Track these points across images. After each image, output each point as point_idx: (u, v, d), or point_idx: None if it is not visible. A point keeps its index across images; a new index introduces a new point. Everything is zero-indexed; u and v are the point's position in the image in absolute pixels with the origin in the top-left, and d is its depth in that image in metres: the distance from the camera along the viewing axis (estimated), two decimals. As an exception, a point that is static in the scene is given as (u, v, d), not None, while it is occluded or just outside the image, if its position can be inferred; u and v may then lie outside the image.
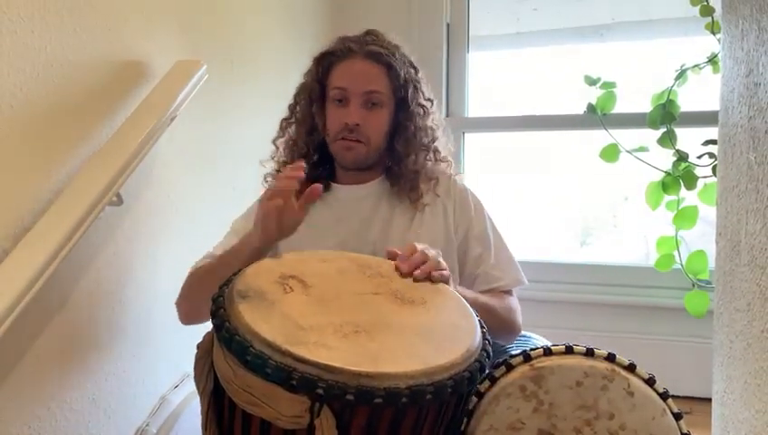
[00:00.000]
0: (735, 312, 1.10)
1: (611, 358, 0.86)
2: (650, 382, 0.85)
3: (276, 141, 1.33)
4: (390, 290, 0.91)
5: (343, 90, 1.21)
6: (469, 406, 0.86)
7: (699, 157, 1.87)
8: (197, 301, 1.13)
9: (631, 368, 0.85)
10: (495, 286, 1.20)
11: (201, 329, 0.89)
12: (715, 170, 1.54)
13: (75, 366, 1.20)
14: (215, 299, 0.83)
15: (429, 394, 0.72)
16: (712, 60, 1.89)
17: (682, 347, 2.01)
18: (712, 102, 1.38)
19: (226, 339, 0.76)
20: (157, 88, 1.30)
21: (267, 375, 0.71)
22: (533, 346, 0.90)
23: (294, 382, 0.70)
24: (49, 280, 1.00)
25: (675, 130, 1.92)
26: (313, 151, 1.28)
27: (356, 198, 1.26)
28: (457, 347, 0.80)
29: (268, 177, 1.34)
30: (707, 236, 1.59)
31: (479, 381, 0.84)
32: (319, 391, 0.69)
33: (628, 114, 2.06)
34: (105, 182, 1.11)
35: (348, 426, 0.72)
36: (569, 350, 0.87)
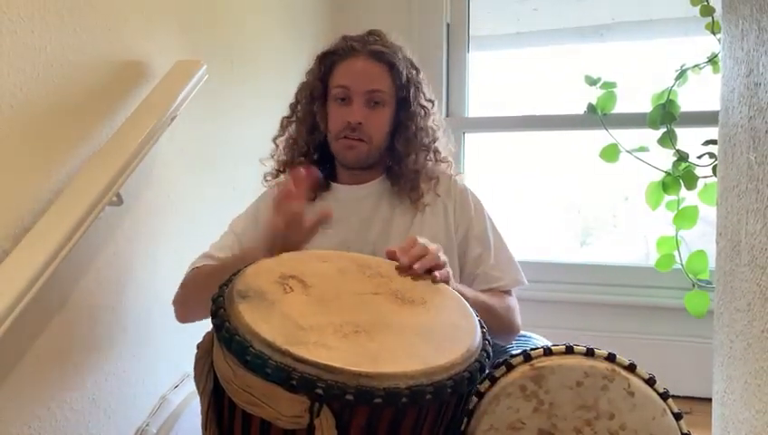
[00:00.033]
0: (736, 312, 1.10)
1: (612, 358, 0.86)
2: (650, 382, 0.85)
3: (276, 140, 1.33)
4: (390, 290, 0.91)
5: (346, 88, 1.21)
6: (469, 406, 0.86)
7: (699, 157, 1.87)
8: (195, 303, 1.14)
9: (631, 368, 0.85)
10: (495, 286, 1.20)
11: (201, 329, 0.89)
12: (716, 170, 1.54)
13: (75, 366, 1.20)
14: (215, 299, 0.83)
15: (429, 394, 0.72)
16: (712, 60, 1.89)
17: (682, 347, 2.01)
18: (712, 102, 1.38)
19: (226, 339, 0.76)
20: (157, 88, 1.30)
21: (267, 375, 0.71)
22: (534, 346, 0.90)
23: (294, 382, 0.70)
24: (49, 280, 1.00)
25: (675, 130, 1.92)
26: (314, 150, 1.29)
27: (356, 198, 1.26)
28: (457, 347, 0.80)
29: (268, 176, 1.34)
30: (708, 236, 1.59)
31: (479, 381, 0.84)
32: (318, 391, 0.69)
33: (628, 114, 2.06)
34: (105, 182, 1.11)
35: (347, 426, 0.72)
36: (569, 350, 0.87)
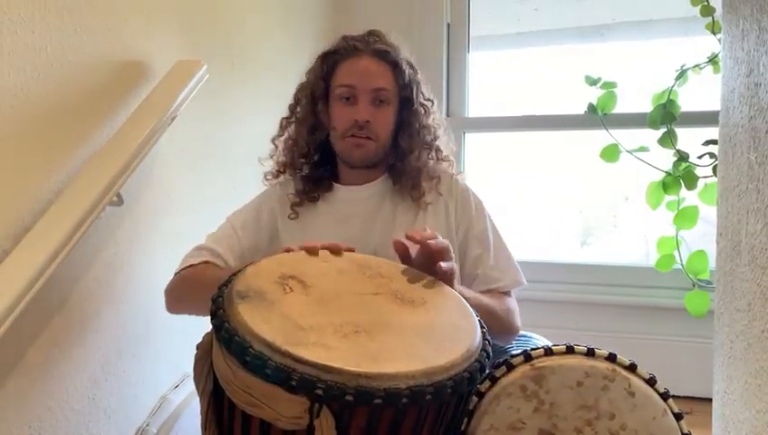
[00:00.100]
0: (736, 312, 1.10)
1: (612, 358, 0.85)
2: (651, 382, 0.85)
3: (276, 140, 1.33)
4: (390, 290, 0.91)
5: (351, 87, 1.21)
6: (470, 406, 0.86)
7: (700, 157, 1.87)
8: (190, 301, 1.14)
9: (632, 368, 0.85)
10: (494, 287, 1.20)
11: (201, 329, 0.89)
12: (716, 170, 1.54)
13: (75, 366, 1.20)
14: (214, 299, 0.83)
15: (429, 395, 0.72)
16: (712, 60, 1.89)
17: (683, 347, 2.01)
18: (712, 102, 1.38)
19: (226, 340, 0.75)
20: (157, 88, 1.30)
21: (267, 376, 0.71)
22: (534, 346, 0.90)
23: (294, 383, 0.70)
24: (49, 280, 1.00)
25: (675, 130, 1.92)
26: (314, 151, 1.28)
27: (358, 199, 1.26)
28: (457, 347, 0.79)
29: (268, 175, 1.34)
30: (708, 236, 1.58)
31: (479, 381, 0.83)
32: (318, 392, 0.69)
33: (628, 114, 2.06)
34: (105, 182, 1.11)
35: (347, 427, 0.72)
36: (569, 350, 0.87)
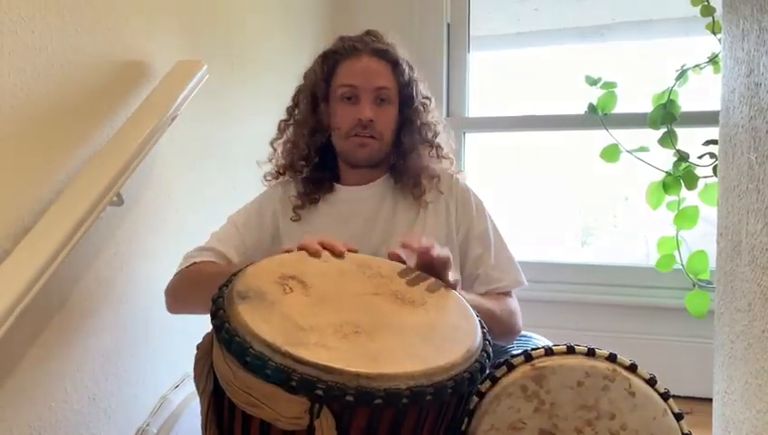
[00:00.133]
0: (736, 312, 1.10)
1: (613, 358, 0.85)
2: (651, 383, 0.85)
3: (274, 143, 1.33)
4: (391, 290, 0.90)
5: (353, 87, 1.21)
6: (470, 406, 0.86)
7: (700, 157, 1.87)
8: (190, 301, 1.14)
9: (632, 368, 0.85)
10: (496, 287, 1.20)
11: (201, 329, 0.89)
12: (716, 170, 1.54)
13: (75, 366, 1.19)
14: (214, 300, 0.83)
15: (429, 395, 0.72)
16: (713, 60, 1.89)
17: (683, 347, 2.01)
18: (713, 102, 1.38)
19: (226, 340, 0.75)
20: (157, 88, 1.30)
21: (267, 376, 0.71)
22: (534, 346, 0.89)
23: (294, 383, 0.70)
24: (49, 280, 1.00)
25: (675, 130, 1.92)
26: (315, 153, 1.28)
27: (359, 199, 1.26)
28: (458, 348, 0.79)
29: (268, 175, 1.34)
30: (708, 236, 1.58)
31: (480, 381, 0.83)
32: (318, 392, 0.69)
33: (628, 114, 2.06)
34: (106, 182, 1.11)
35: (348, 427, 0.72)
36: (570, 350, 0.87)
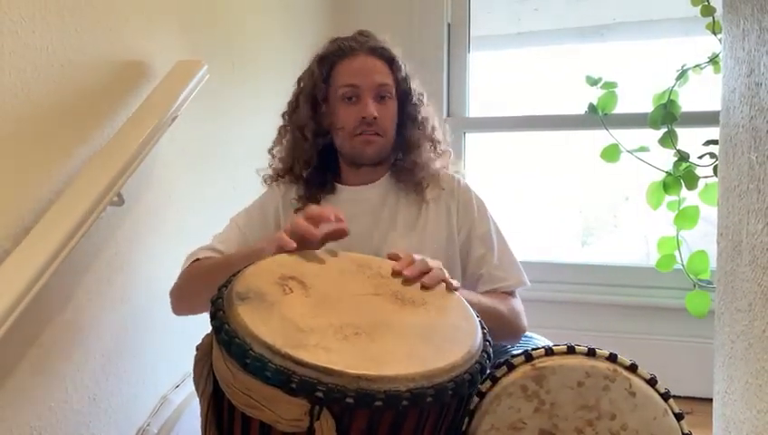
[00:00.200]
0: (737, 312, 1.10)
1: (613, 358, 0.85)
2: (652, 383, 0.85)
3: (273, 150, 1.33)
4: (391, 291, 0.90)
5: (354, 87, 1.21)
6: (470, 406, 0.86)
7: (700, 157, 1.87)
8: (193, 297, 1.13)
9: (633, 368, 0.85)
10: (499, 287, 1.20)
11: (201, 329, 0.89)
12: (717, 170, 1.54)
13: (75, 366, 1.19)
14: (214, 301, 0.82)
15: (430, 397, 0.72)
16: (713, 60, 1.89)
17: (683, 347, 2.01)
18: (713, 102, 1.38)
19: (226, 342, 0.75)
20: (158, 88, 1.30)
21: (267, 378, 0.70)
22: (535, 346, 0.89)
23: (294, 385, 0.69)
24: (49, 280, 1.00)
25: (676, 130, 1.92)
26: (315, 156, 1.28)
27: (362, 199, 1.26)
28: (458, 349, 0.79)
29: (268, 179, 1.33)
30: (709, 236, 1.58)
31: (480, 382, 0.83)
32: (318, 395, 0.69)
33: (629, 114, 2.06)
34: (106, 182, 1.11)
35: (348, 429, 0.72)
36: (570, 350, 0.87)
